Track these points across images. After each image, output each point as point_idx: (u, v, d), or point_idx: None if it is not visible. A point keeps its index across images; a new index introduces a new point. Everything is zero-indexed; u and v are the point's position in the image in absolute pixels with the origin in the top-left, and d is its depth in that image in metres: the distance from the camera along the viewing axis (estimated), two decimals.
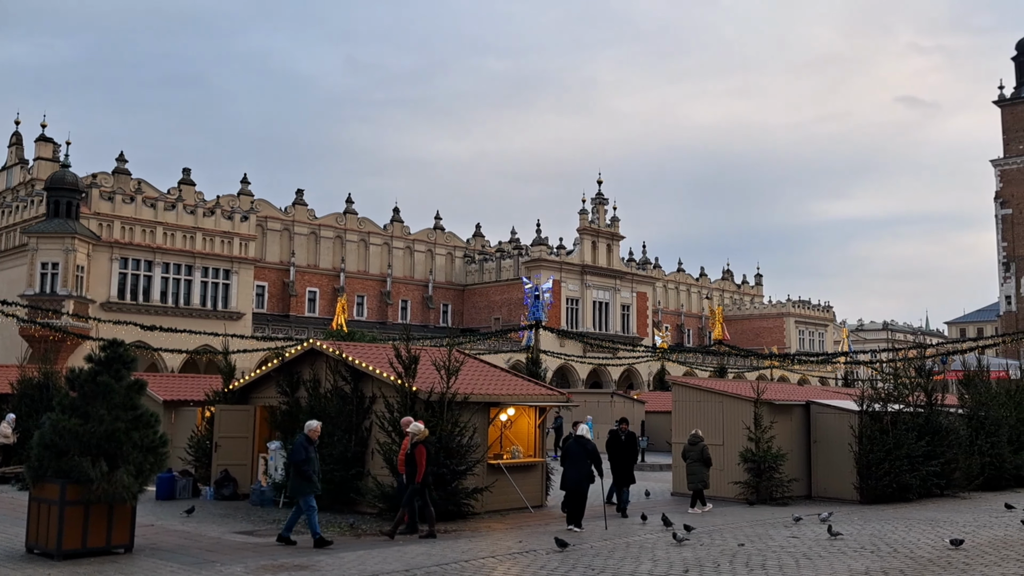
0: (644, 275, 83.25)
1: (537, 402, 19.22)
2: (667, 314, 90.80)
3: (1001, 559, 12.97)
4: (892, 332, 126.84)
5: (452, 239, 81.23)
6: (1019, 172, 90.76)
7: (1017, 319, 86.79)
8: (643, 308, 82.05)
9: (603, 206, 78.91)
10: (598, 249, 78.02)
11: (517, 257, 76.55)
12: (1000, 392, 27.64)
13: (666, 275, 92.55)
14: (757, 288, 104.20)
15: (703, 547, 14.15)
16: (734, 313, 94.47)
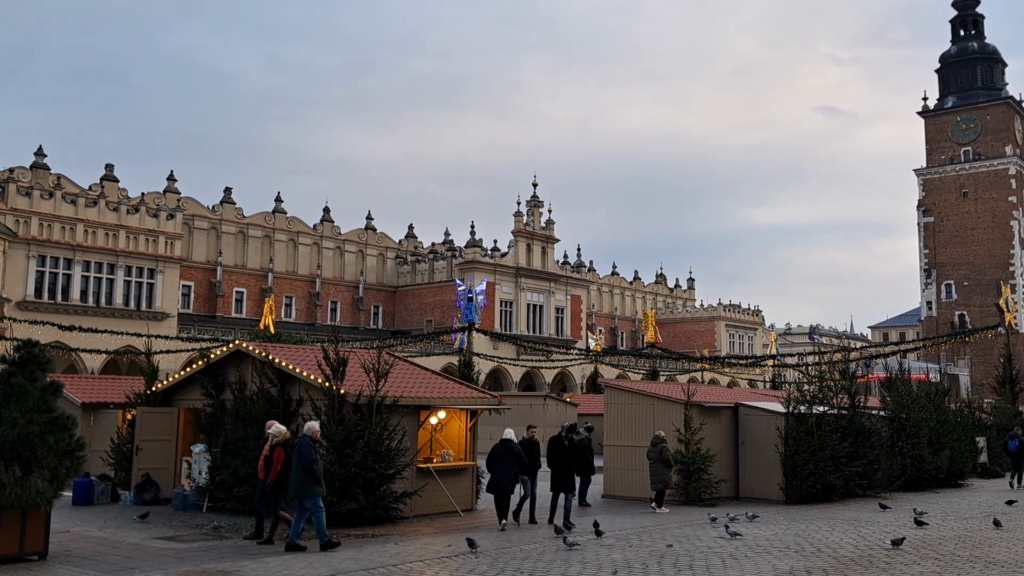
0: (579, 278, 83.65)
1: (468, 405, 19.08)
2: (601, 317, 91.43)
3: (920, 558, 13.24)
4: (819, 336, 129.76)
5: (384, 240, 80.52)
6: (941, 181, 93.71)
7: (938, 324, 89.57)
8: (577, 311, 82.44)
9: (538, 208, 79.06)
10: (533, 251, 78.13)
11: (451, 259, 76.20)
12: (920, 395, 28.35)
13: (600, 278, 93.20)
14: (689, 292, 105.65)
15: (632, 548, 14.18)
16: (667, 316, 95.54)
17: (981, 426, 33.65)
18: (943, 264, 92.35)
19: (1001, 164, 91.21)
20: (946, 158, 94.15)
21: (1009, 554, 13.61)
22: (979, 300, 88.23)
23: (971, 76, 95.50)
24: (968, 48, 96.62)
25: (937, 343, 61.83)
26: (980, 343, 77.37)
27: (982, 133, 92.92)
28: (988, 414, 36.49)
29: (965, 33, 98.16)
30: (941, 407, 28.80)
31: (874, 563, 12.82)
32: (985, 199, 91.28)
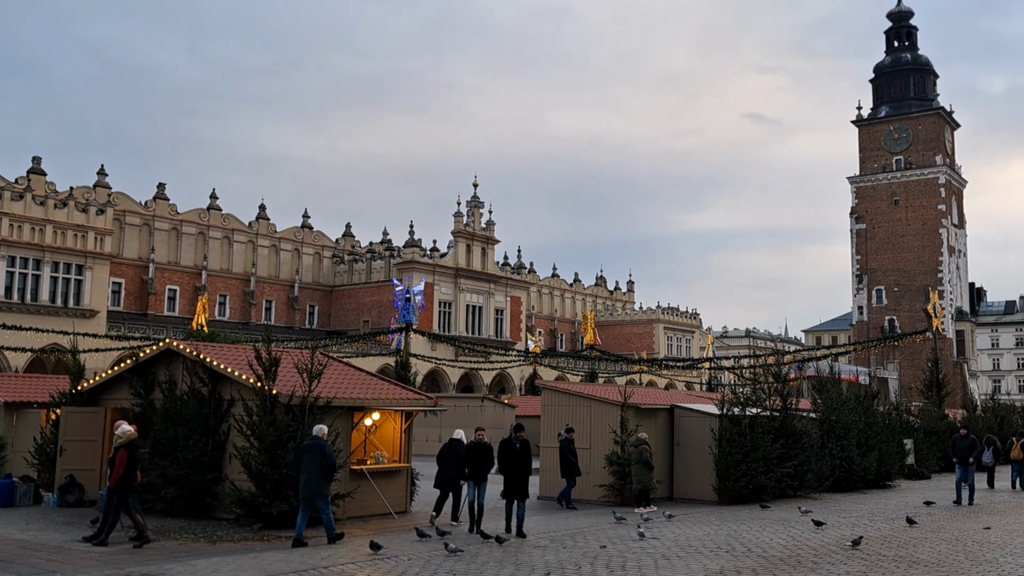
0: (519, 280, 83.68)
1: (403, 407, 18.90)
2: (541, 319, 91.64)
3: (847, 557, 13.45)
4: (754, 339, 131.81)
5: (321, 238, 79.62)
6: (873, 189, 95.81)
7: (868, 328, 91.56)
8: (517, 312, 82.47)
9: (478, 209, 78.93)
10: (472, 252, 77.96)
11: (389, 258, 75.63)
12: (850, 397, 28.89)
13: (541, 280, 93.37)
14: (629, 295, 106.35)
15: (566, 550, 14.17)
16: (606, 319, 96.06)
17: (909, 428, 34.41)
18: (874, 270, 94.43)
19: (931, 173, 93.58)
20: (879, 166, 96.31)
21: (932, 554, 13.90)
22: (908, 305, 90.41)
23: (904, 87, 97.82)
24: (902, 59, 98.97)
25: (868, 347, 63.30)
26: (909, 347, 79.37)
27: (914, 143, 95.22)
28: (915, 417, 37.33)
29: (899, 44, 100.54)
30: (870, 410, 29.40)
31: (802, 562, 12.98)
32: (916, 207, 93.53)
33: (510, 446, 16.10)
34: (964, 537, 15.87)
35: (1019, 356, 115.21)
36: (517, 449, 16.03)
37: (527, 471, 15.96)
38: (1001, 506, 22.31)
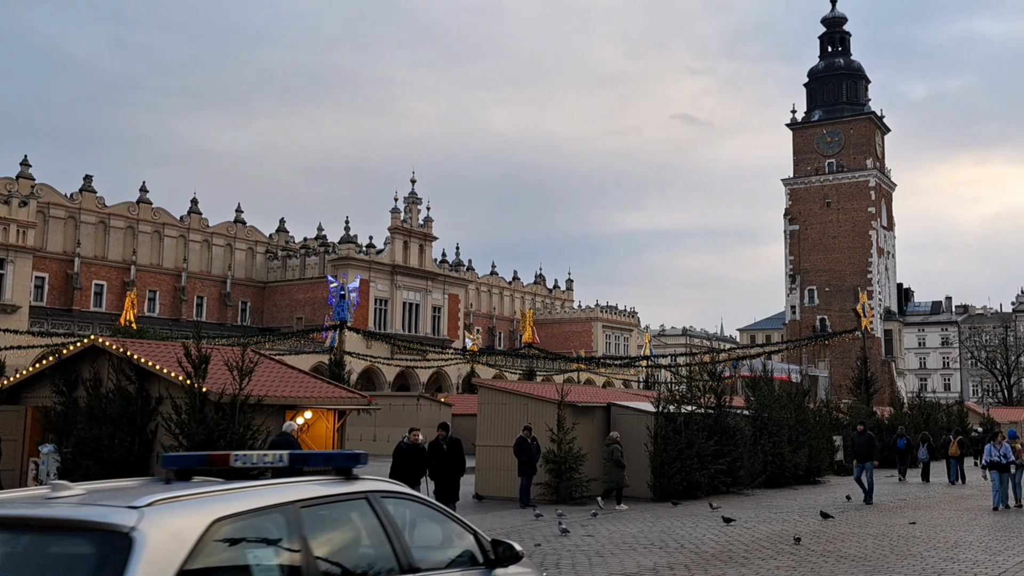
0: (457, 277, 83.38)
1: (336, 405, 18.65)
2: (479, 317, 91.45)
3: (777, 553, 13.58)
4: (691, 337, 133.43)
5: (254, 234, 78.33)
6: (806, 191, 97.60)
7: (800, 327, 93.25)
8: (455, 310, 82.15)
9: (416, 205, 78.38)
10: (410, 249, 77.41)
11: (323, 254, 74.70)
12: (782, 395, 29.34)
13: (479, 278, 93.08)
14: (568, 293, 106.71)
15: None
16: (545, 317, 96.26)
17: (838, 425, 35.07)
18: (807, 270, 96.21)
19: (862, 176, 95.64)
20: (812, 169, 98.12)
21: (860, 548, 14.12)
22: (839, 305, 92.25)
23: (837, 91, 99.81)
24: (835, 64, 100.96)
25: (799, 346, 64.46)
26: (839, 346, 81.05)
27: (845, 146, 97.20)
28: (844, 414, 38.07)
29: (832, 49, 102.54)
30: (801, 407, 29.90)
31: (733, 558, 13.07)
32: (847, 209, 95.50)
33: (438, 447, 15.58)
34: (890, 532, 16.17)
35: (944, 355, 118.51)
36: (445, 451, 15.45)
37: (458, 472, 15.56)
38: (927, 501, 22.82)
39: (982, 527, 17.06)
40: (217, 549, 3.76)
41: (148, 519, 3.58)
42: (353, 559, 4.56)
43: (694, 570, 12.13)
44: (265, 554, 4.05)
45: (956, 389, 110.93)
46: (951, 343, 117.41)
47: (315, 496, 4.44)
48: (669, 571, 12.08)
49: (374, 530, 4.65)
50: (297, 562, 4.05)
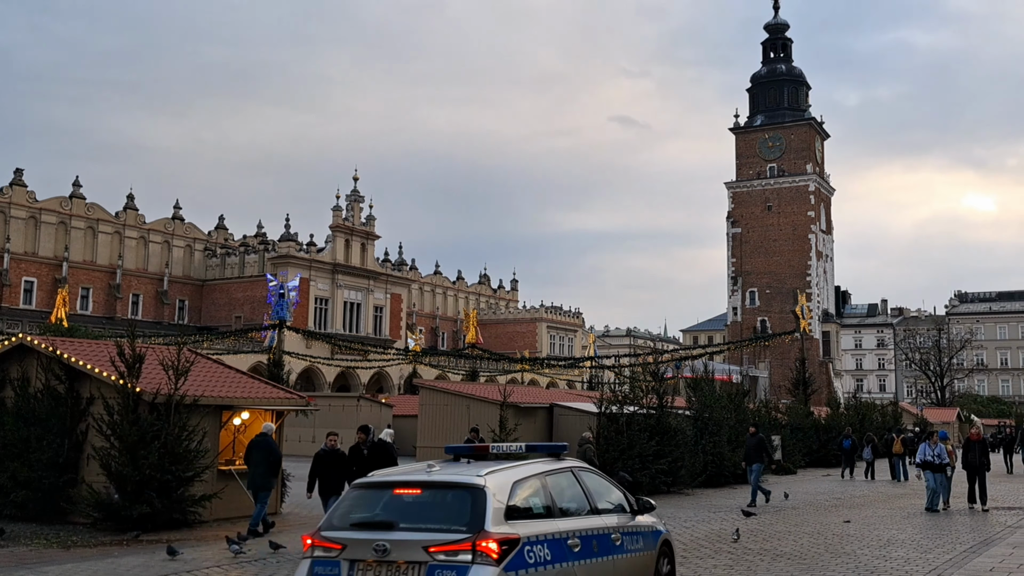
0: (399, 276, 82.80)
1: (274, 406, 18.34)
2: (422, 317, 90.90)
3: (715, 552, 13.66)
4: (634, 338, 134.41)
5: (192, 231, 76.89)
6: (748, 195, 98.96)
7: (742, 329, 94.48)
8: (397, 310, 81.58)
9: (358, 203, 77.61)
10: (352, 248, 76.66)
11: (263, 252, 73.62)
12: (723, 395, 29.68)
13: (422, 277, 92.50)
14: (513, 293, 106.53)
15: None
16: (489, 317, 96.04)
17: (777, 425, 35.58)
18: (748, 273, 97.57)
19: (802, 181, 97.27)
20: (754, 173, 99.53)
21: (795, 547, 14.27)
22: (779, 307, 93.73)
23: (779, 97, 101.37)
24: (777, 70, 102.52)
25: (740, 347, 65.31)
26: (778, 347, 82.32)
27: (787, 151, 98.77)
28: (783, 414, 38.66)
29: (775, 56, 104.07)
30: (741, 407, 30.28)
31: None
32: (787, 213, 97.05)
33: (358, 452, 14.19)
34: (825, 531, 16.38)
35: (880, 356, 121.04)
36: (365, 456, 14.05)
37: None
38: (861, 500, 23.20)
39: (914, 525, 17.38)
40: (516, 494, 7.35)
41: (488, 479, 7.18)
42: (568, 501, 8.14)
43: None
44: (535, 498, 7.68)
45: (891, 390, 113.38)
46: (886, 345, 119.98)
47: (548, 469, 8.17)
48: None
49: (575, 487, 8.41)
50: (547, 502, 7.77)
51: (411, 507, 7.32)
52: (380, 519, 7.22)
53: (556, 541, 7.47)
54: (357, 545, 7.01)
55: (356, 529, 7.19)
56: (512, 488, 7.35)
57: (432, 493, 7.40)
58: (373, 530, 7.08)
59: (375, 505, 7.47)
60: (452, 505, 7.22)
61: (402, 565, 6.81)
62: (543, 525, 7.46)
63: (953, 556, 13.28)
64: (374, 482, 7.75)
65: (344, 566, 7.00)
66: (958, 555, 13.38)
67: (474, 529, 6.86)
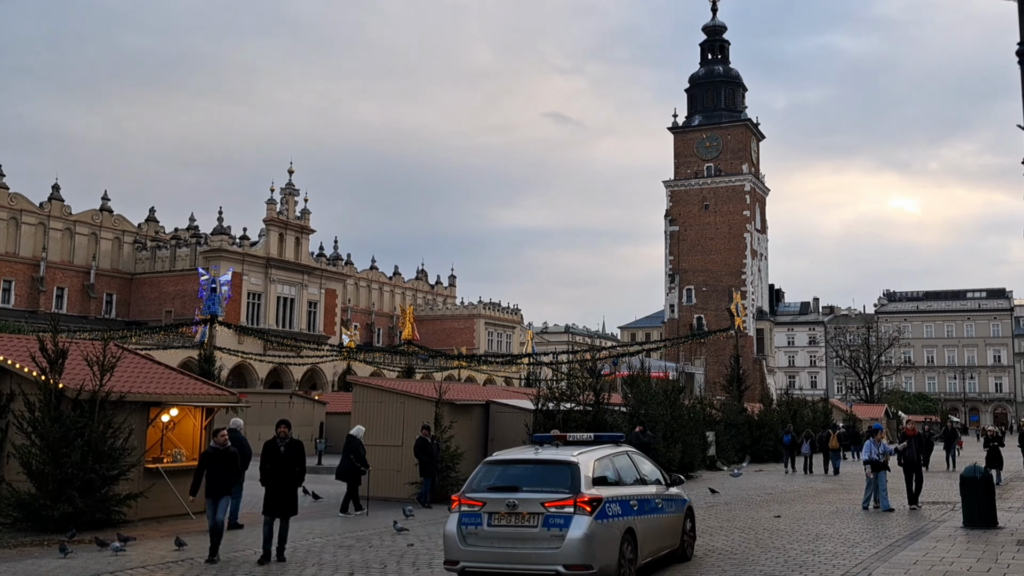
0: (334, 271, 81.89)
1: (203, 402, 17.96)
2: (357, 312, 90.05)
3: None
4: (573, 335, 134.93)
5: (121, 223, 74.95)
6: (686, 194, 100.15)
7: (679, 326, 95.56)
8: (332, 305, 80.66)
9: (293, 197, 76.47)
10: (286, 242, 75.53)
11: (195, 246, 72.14)
12: (658, 392, 29.91)
13: (358, 272, 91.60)
14: (451, 289, 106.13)
15: (372, 549, 13.81)
16: (427, 313, 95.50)
17: (711, 421, 36.02)
18: (685, 270, 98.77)
19: (738, 181, 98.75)
20: (692, 172, 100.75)
21: (726, 542, 14.41)
22: (715, 305, 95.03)
23: (716, 97, 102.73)
24: (715, 71, 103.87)
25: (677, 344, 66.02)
26: (714, 344, 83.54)
27: (723, 151, 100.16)
28: (717, 410, 39.15)
29: (712, 57, 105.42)
30: (676, 403, 30.55)
31: None
32: (724, 212, 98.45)
33: (273, 449, 13.01)
34: (756, 526, 16.58)
35: (811, 353, 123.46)
36: (281, 453, 12.81)
37: (296, 478, 13.00)
38: (792, 495, 23.55)
39: (843, 520, 17.68)
40: (597, 468, 10.50)
41: (580, 458, 10.38)
42: (626, 475, 11.29)
43: None
44: (607, 471, 10.78)
45: (822, 386, 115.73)
46: (818, 342, 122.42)
47: (613, 452, 11.41)
48: None
49: (630, 465, 11.64)
50: (615, 475, 10.89)
51: (528, 476, 10.54)
52: (508, 484, 10.38)
53: (623, 501, 10.71)
54: (493, 502, 10.17)
55: (491, 491, 10.34)
56: (594, 464, 10.68)
57: (542, 467, 10.68)
58: (504, 492, 10.24)
59: (502, 475, 10.65)
60: (557, 475, 10.36)
61: (525, 515, 10.04)
62: (614, 490, 10.69)
63: (879, 550, 13.52)
64: (499, 460, 11.16)
65: (484, 516, 10.19)
66: (883, 549, 13.62)
67: (574, 491, 10.07)
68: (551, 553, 9.83)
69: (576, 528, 9.84)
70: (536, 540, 9.94)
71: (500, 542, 10.08)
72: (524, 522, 9.98)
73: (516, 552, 10.01)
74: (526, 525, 10.00)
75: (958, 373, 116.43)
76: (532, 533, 9.96)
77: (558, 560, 9.79)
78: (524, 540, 10.00)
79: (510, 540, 10.06)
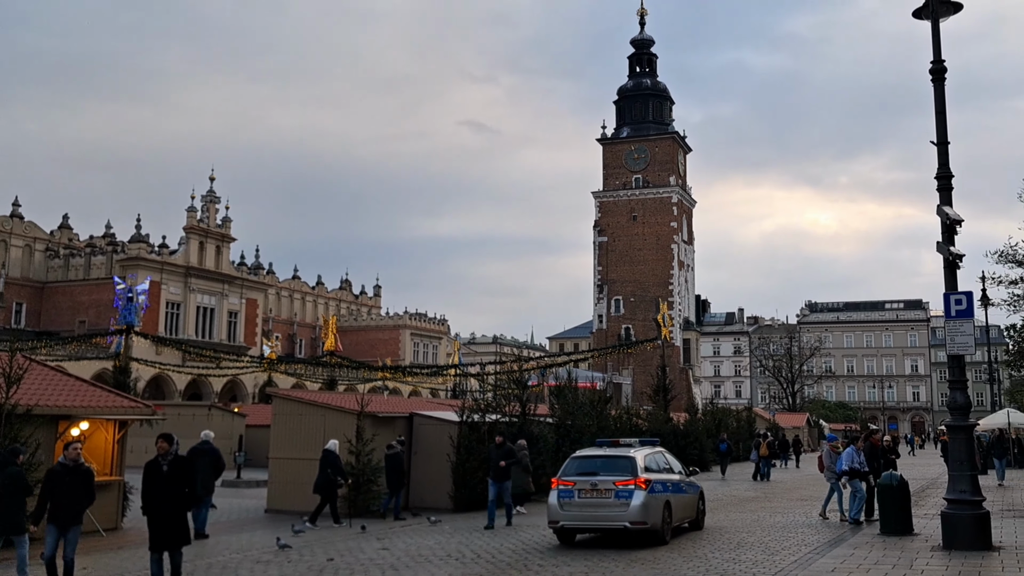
0: (256, 281, 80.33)
1: (116, 415, 17.33)
2: (279, 323, 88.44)
3: (571, 559, 13.60)
4: (500, 345, 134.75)
5: (33, 230, 72.52)
6: (615, 204, 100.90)
7: (607, 336, 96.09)
8: (253, 315, 79.09)
9: (214, 204, 74.88)
10: (206, 250, 73.86)
11: (111, 254, 70.10)
12: (585, 402, 29.89)
13: (280, 282, 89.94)
14: (376, 299, 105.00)
15: (291, 564, 13.44)
16: (351, 324, 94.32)
17: (637, 431, 36.13)
18: (614, 281, 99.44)
19: (666, 192, 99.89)
20: (620, 183, 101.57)
21: (648, 550, 14.35)
22: (643, 315, 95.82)
23: (644, 110, 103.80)
24: (643, 84, 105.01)
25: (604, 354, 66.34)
26: (641, 354, 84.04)
27: (651, 163, 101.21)
28: (644, 420, 39.31)
29: (640, 70, 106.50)
30: (603, 414, 30.56)
31: (529, 567, 13.00)
32: (651, 223, 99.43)
33: (154, 470, 10.87)
34: (679, 534, 16.56)
35: (736, 363, 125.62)
36: (164, 473, 10.82)
37: (184, 502, 10.97)
38: (715, 504, 23.67)
39: (763, 528, 17.81)
40: (646, 461, 15.46)
41: (635, 454, 15.47)
42: (662, 466, 16.19)
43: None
44: (652, 462, 15.73)
45: (747, 396, 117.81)
46: (743, 352, 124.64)
47: (654, 450, 16.53)
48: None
49: (663, 459, 16.64)
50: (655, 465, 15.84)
51: (602, 465, 15.33)
52: (589, 470, 15.25)
53: (663, 482, 15.49)
54: (581, 483, 14.96)
55: (579, 475, 15.16)
56: (644, 458, 15.55)
57: (611, 459, 15.48)
58: (587, 476, 15.07)
59: (584, 465, 15.52)
60: (622, 464, 15.18)
61: (603, 491, 14.73)
62: (657, 475, 15.49)
63: (798, 558, 13.61)
64: (582, 455, 16.21)
65: (575, 492, 14.89)
66: (803, 556, 13.72)
67: (633, 475, 14.80)
68: (620, 514, 14.54)
69: (636, 499, 14.52)
70: (610, 507, 14.64)
71: (586, 508, 14.85)
72: (602, 496, 14.75)
73: (597, 514, 14.85)
74: (603, 497, 14.73)
75: (877, 382, 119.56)
76: (607, 502, 14.68)
77: (625, 519, 14.53)
78: (602, 507, 14.75)
79: (592, 507, 14.83)
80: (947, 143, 14.67)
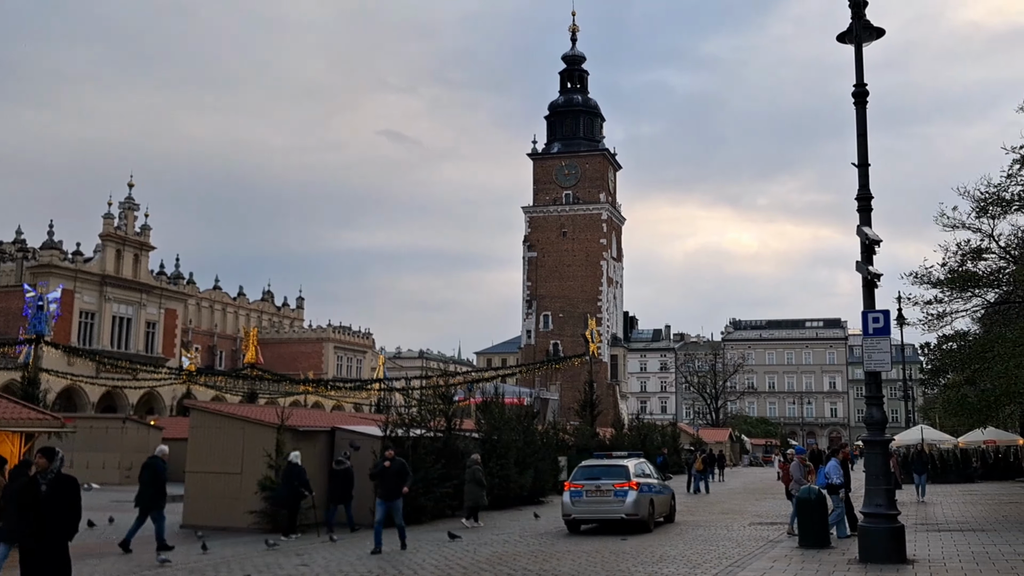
0: (175, 291, 78.33)
1: (21, 428, 16.64)
2: (199, 334, 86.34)
3: (496, 574, 13.45)
4: (427, 360, 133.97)
5: None
6: (545, 220, 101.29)
7: (535, 351, 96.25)
8: (171, 326, 77.06)
9: (132, 212, 72.87)
10: (123, 259, 71.72)
11: (21, 261, 67.56)
12: (511, 417, 29.78)
13: (200, 292, 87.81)
14: (298, 311, 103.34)
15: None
16: (272, 336, 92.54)
17: (564, 447, 36.17)
18: (543, 296, 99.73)
19: (595, 209, 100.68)
20: (550, 199, 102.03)
21: (574, 566, 14.28)
22: (571, 331, 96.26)
23: (575, 126, 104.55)
24: (574, 100, 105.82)
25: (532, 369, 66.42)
26: (569, 370, 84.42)
27: (582, 179, 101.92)
28: (570, 435, 39.40)
29: (572, 86, 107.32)
30: (529, 429, 30.50)
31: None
32: (581, 239, 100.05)
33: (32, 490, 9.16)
34: (603, 548, 16.55)
35: (662, 379, 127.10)
36: (43, 495, 9.06)
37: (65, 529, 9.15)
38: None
39: (685, 541, 17.90)
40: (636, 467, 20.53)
41: (628, 462, 20.65)
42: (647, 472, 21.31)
43: None
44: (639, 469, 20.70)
45: (672, 411, 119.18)
46: (669, 368, 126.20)
47: (640, 460, 21.82)
48: None
49: (648, 466, 21.97)
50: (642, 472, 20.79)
51: (603, 472, 19.97)
52: (594, 475, 19.88)
53: (648, 485, 20.18)
54: (587, 485, 19.56)
55: (585, 480, 19.77)
56: (634, 466, 20.26)
57: (610, 467, 20.22)
58: (591, 480, 19.70)
59: (588, 471, 20.22)
60: (618, 471, 19.83)
61: (605, 491, 19.30)
62: (644, 479, 20.05)
63: (719, 571, 13.67)
64: (586, 465, 20.96)
65: (583, 492, 19.45)
66: (723, 569, 13.79)
67: (627, 479, 19.40)
68: (618, 508, 19.17)
69: (630, 497, 19.15)
70: (610, 503, 19.25)
71: (592, 504, 19.41)
72: (603, 495, 19.33)
73: (600, 508, 19.38)
74: (605, 496, 19.32)
75: (797, 398, 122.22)
76: (608, 499, 19.28)
77: (621, 512, 19.14)
78: (604, 503, 19.32)
79: (596, 503, 19.40)
80: (868, 164, 14.97)
